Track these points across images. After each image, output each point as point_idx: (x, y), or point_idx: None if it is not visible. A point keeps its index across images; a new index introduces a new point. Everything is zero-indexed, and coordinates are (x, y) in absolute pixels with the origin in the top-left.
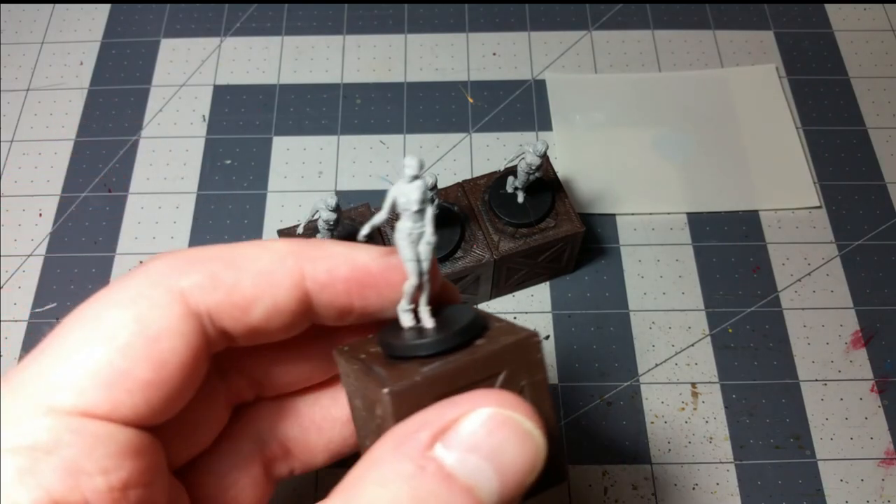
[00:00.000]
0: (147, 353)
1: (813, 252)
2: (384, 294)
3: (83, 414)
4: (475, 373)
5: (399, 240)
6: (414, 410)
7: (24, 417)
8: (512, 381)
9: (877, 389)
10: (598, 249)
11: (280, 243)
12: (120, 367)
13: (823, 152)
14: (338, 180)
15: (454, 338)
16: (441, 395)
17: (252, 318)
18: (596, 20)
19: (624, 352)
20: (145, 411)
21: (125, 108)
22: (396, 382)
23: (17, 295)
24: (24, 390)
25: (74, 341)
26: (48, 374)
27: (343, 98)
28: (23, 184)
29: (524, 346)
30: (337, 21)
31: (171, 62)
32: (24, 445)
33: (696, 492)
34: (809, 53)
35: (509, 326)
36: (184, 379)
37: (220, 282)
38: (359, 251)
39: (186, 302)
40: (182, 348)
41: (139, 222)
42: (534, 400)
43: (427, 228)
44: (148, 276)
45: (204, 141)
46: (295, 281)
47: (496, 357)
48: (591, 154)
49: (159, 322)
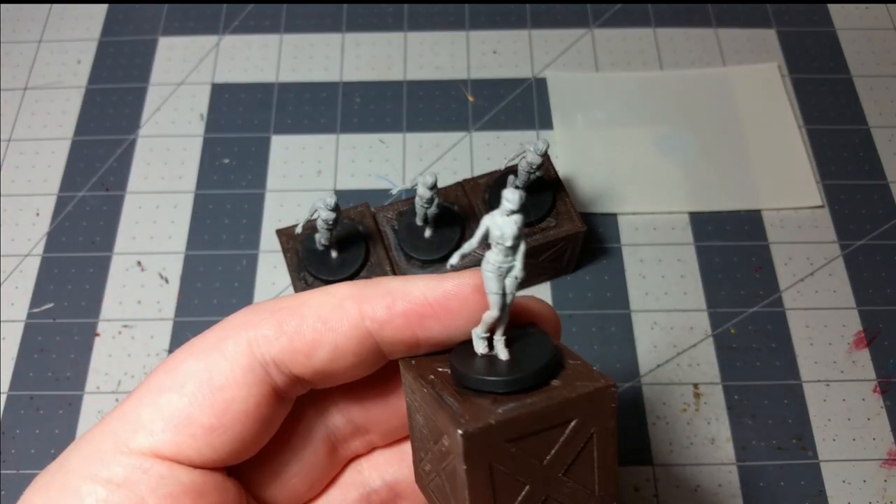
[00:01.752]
0: (211, 400)
1: (815, 252)
2: (445, 322)
3: (154, 454)
4: (551, 418)
5: (486, 271)
6: (484, 451)
7: (107, 454)
8: (584, 428)
9: (879, 390)
10: (599, 249)
11: (342, 287)
12: (186, 413)
13: (826, 151)
14: (337, 179)
15: (532, 378)
16: (513, 438)
17: (317, 362)
18: (597, 18)
19: (625, 352)
20: (210, 454)
21: (123, 106)
22: (471, 424)
23: (15, 295)
24: (109, 430)
25: (155, 386)
26: (129, 417)
27: (342, 96)
28: (20, 183)
29: (602, 395)
30: (336, 19)
31: (168, 60)
32: (103, 478)
33: (698, 493)
34: (812, 52)
35: (585, 369)
36: (249, 424)
37: (284, 330)
38: (414, 283)
39: (253, 353)
40: (245, 397)
41: (137, 222)
42: (600, 448)
43: (517, 264)
44: (223, 328)
45: (202, 140)
46: (354, 323)
47: (572, 404)
48: (592, 153)
49: (225, 373)
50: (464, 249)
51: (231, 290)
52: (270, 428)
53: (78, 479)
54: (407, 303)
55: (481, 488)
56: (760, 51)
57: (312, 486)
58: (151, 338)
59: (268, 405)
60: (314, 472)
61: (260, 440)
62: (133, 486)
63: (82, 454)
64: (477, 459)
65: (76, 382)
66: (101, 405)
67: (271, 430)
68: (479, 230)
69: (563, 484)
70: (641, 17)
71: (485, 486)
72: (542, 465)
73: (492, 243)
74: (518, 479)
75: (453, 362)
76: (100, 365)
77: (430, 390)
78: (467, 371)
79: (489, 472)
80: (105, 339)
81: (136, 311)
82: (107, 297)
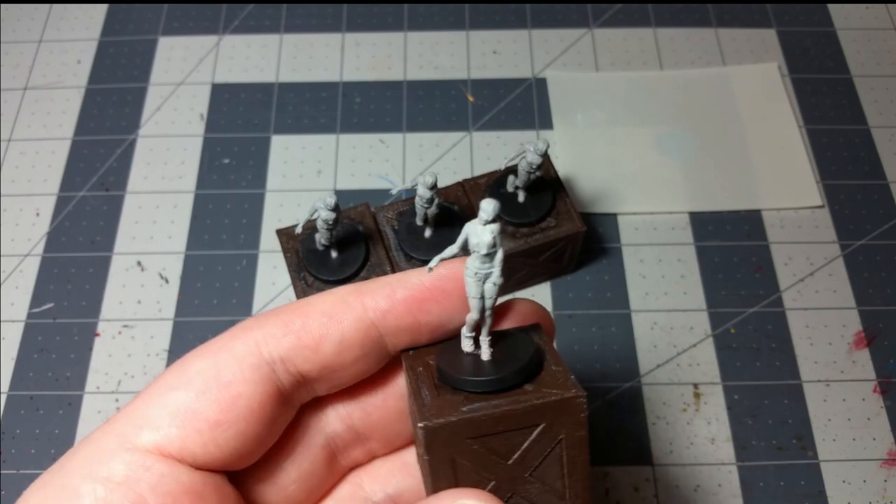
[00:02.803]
0: (217, 396)
1: (815, 252)
2: (443, 304)
3: (158, 450)
4: (514, 422)
5: (466, 276)
6: (446, 445)
7: (109, 452)
8: (549, 433)
9: (879, 390)
10: (599, 249)
11: (343, 287)
12: (192, 408)
13: (826, 151)
14: (337, 179)
15: (503, 381)
16: (475, 436)
17: (324, 356)
18: (597, 18)
19: (625, 352)
20: (214, 451)
21: (123, 106)
22: (433, 419)
23: (15, 295)
24: (114, 429)
25: (162, 385)
26: (135, 415)
27: (342, 96)
28: (20, 183)
29: (570, 405)
30: (336, 19)
31: (168, 60)
32: (103, 476)
33: (698, 493)
34: (812, 52)
35: (563, 376)
36: (253, 422)
37: (290, 328)
38: (410, 273)
39: (260, 352)
40: (251, 394)
41: (137, 222)
42: (570, 455)
43: (495, 270)
44: (231, 332)
45: (202, 140)
46: (357, 314)
47: (538, 411)
48: (592, 153)
49: (232, 370)
50: (444, 254)
51: (231, 290)
52: (273, 431)
53: (78, 478)
54: (406, 289)
55: (444, 478)
56: (760, 51)
57: (311, 494)
58: (151, 338)
59: (272, 405)
60: (312, 480)
61: (262, 444)
62: (133, 484)
63: (85, 453)
64: (439, 452)
65: (76, 382)
66: (101, 405)
67: (274, 435)
68: (460, 236)
69: (531, 484)
70: (641, 16)
71: (448, 477)
72: (507, 464)
73: (471, 250)
74: (482, 474)
75: (437, 358)
76: (100, 365)
77: (413, 381)
78: (446, 368)
79: (452, 465)
80: (105, 339)
81: (136, 311)
82: (107, 296)
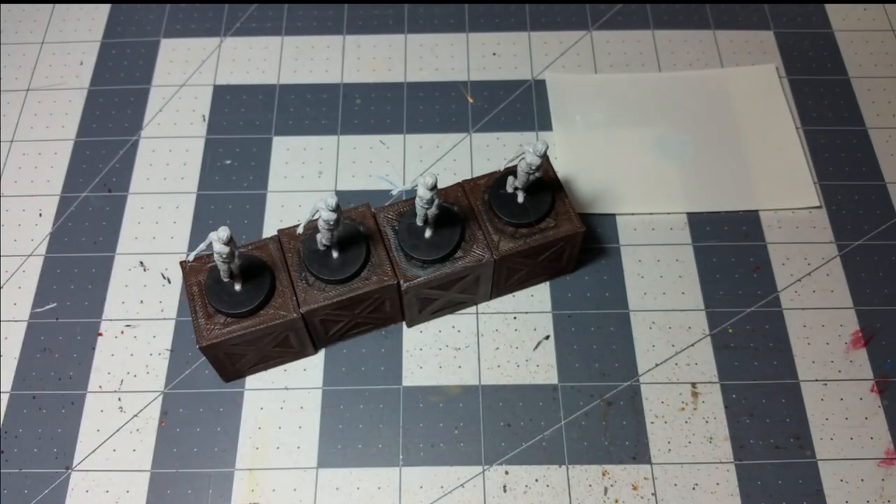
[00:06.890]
0: None
1: (813, 252)
2: None
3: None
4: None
5: None
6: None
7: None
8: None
9: (877, 389)
10: (598, 249)
11: None
12: None
13: (823, 152)
14: (338, 180)
15: None
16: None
17: None
18: (596, 20)
19: (624, 352)
20: None
21: (125, 108)
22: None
23: (17, 295)
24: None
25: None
26: None
27: (343, 98)
28: (23, 184)
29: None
30: (337, 21)
31: (171, 62)
32: None
33: (696, 492)
34: (809, 53)
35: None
36: None
37: None
38: None
39: None
40: None
41: (139, 222)
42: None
43: None
44: None
45: (204, 141)
46: None
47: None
48: (591, 154)
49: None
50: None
51: None
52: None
53: None
54: None
55: None
56: (758, 52)
57: None
58: (154, 337)
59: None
60: None
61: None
62: None
63: None
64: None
65: (79, 382)
66: (103, 405)
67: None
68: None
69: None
70: (640, 18)
71: None
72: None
73: None
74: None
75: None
76: (102, 364)
77: None
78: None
79: None
80: (108, 338)
81: (139, 311)
82: (109, 296)
